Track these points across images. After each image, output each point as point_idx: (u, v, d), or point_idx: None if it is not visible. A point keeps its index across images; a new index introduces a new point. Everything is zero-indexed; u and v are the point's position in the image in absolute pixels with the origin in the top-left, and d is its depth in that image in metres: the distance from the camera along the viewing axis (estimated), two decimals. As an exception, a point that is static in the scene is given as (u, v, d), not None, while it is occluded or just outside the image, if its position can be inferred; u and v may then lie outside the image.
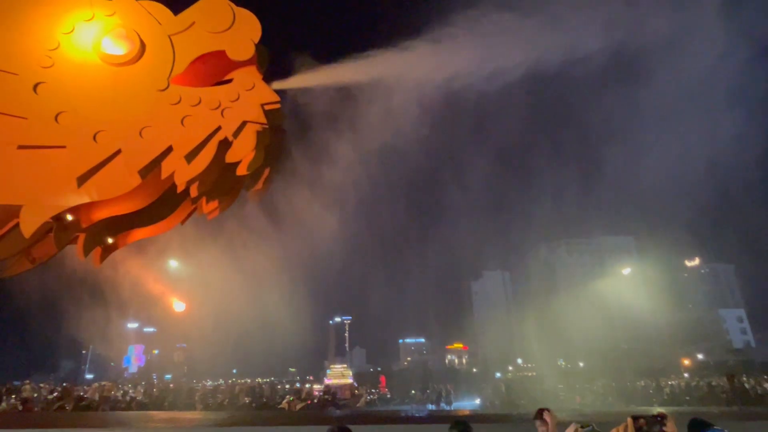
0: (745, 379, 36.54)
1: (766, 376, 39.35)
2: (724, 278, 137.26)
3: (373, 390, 48.20)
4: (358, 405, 37.53)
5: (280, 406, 33.24)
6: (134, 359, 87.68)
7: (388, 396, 44.76)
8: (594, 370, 58.63)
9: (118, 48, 10.33)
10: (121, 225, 11.39)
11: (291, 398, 35.43)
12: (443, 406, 33.50)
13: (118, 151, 9.76)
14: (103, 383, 49.89)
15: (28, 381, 33.72)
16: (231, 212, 14.46)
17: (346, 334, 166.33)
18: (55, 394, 31.73)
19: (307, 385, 58.70)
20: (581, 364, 73.07)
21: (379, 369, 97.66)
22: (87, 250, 10.82)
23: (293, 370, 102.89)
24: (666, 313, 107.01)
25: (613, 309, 69.23)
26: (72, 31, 10.42)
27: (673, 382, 42.45)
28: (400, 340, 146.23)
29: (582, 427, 3.53)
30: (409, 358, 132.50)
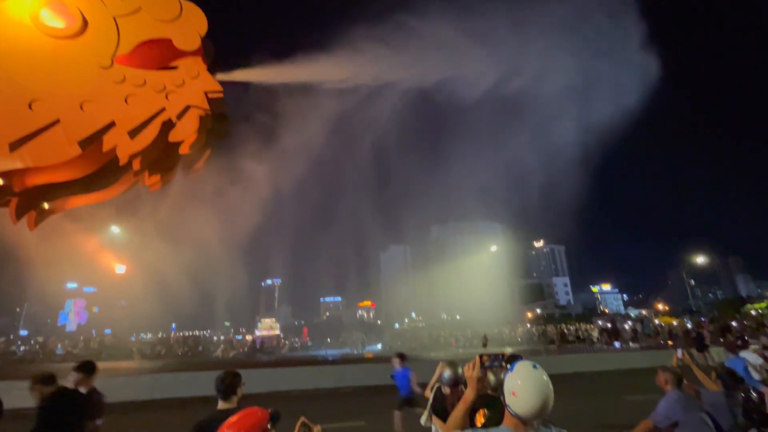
0: (564, 326, 42.27)
1: (577, 324, 45.71)
2: (557, 255, 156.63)
3: (296, 339, 47.70)
4: (282, 351, 36.96)
5: (215, 354, 31.64)
6: (73, 315, 76.21)
7: (309, 344, 44.67)
8: (467, 321, 63.57)
9: (58, 21, 8.72)
10: (59, 191, 9.83)
11: (223, 347, 33.89)
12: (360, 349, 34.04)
13: (57, 121, 8.35)
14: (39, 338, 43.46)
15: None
16: (171, 184, 13.15)
17: (276, 294, 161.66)
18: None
19: (239, 336, 56.36)
20: (458, 317, 78.78)
21: (302, 322, 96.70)
22: (20, 214, 9.21)
23: (228, 324, 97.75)
24: (518, 279, 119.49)
25: (483, 276, 75.34)
26: (5, -2, 8.58)
27: (520, 329, 47.62)
28: (321, 299, 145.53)
29: (449, 363, 3.79)
30: (327, 313, 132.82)
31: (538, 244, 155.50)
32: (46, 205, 9.91)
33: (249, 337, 51.34)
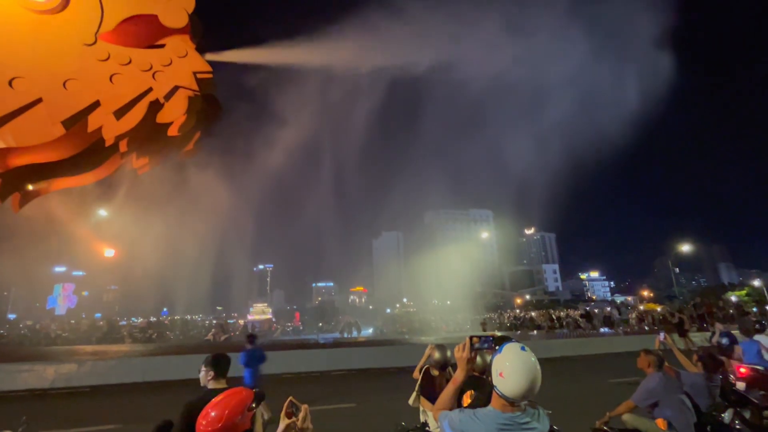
0: (552, 311, 43.12)
1: (565, 310, 46.68)
2: (548, 242, 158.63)
3: (288, 324, 48.06)
4: (275, 336, 37.19)
5: (206, 337, 31.72)
6: (62, 300, 75.38)
7: (301, 328, 45.07)
8: (457, 306, 64.39)
9: (38, -6, 8.34)
10: (44, 172, 9.57)
11: (214, 331, 34.00)
12: (354, 334, 34.19)
13: (39, 100, 8.07)
14: (28, 323, 43.14)
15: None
16: (162, 167, 12.91)
17: (268, 279, 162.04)
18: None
19: (230, 321, 56.53)
20: (448, 302, 79.77)
21: (295, 307, 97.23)
22: (3, 196, 8.96)
23: (220, 308, 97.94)
24: (509, 266, 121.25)
25: (474, 263, 76.24)
26: (-18, -32, 8.15)
27: (509, 315, 48.52)
28: (313, 284, 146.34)
29: (438, 346, 3.84)
30: (319, 298, 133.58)
31: (529, 231, 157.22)
32: (30, 187, 9.67)
33: (241, 322, 51.58)
